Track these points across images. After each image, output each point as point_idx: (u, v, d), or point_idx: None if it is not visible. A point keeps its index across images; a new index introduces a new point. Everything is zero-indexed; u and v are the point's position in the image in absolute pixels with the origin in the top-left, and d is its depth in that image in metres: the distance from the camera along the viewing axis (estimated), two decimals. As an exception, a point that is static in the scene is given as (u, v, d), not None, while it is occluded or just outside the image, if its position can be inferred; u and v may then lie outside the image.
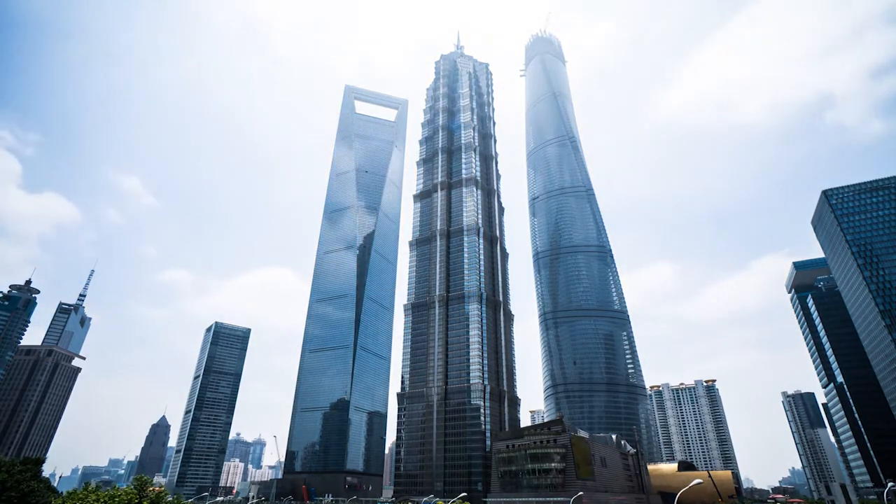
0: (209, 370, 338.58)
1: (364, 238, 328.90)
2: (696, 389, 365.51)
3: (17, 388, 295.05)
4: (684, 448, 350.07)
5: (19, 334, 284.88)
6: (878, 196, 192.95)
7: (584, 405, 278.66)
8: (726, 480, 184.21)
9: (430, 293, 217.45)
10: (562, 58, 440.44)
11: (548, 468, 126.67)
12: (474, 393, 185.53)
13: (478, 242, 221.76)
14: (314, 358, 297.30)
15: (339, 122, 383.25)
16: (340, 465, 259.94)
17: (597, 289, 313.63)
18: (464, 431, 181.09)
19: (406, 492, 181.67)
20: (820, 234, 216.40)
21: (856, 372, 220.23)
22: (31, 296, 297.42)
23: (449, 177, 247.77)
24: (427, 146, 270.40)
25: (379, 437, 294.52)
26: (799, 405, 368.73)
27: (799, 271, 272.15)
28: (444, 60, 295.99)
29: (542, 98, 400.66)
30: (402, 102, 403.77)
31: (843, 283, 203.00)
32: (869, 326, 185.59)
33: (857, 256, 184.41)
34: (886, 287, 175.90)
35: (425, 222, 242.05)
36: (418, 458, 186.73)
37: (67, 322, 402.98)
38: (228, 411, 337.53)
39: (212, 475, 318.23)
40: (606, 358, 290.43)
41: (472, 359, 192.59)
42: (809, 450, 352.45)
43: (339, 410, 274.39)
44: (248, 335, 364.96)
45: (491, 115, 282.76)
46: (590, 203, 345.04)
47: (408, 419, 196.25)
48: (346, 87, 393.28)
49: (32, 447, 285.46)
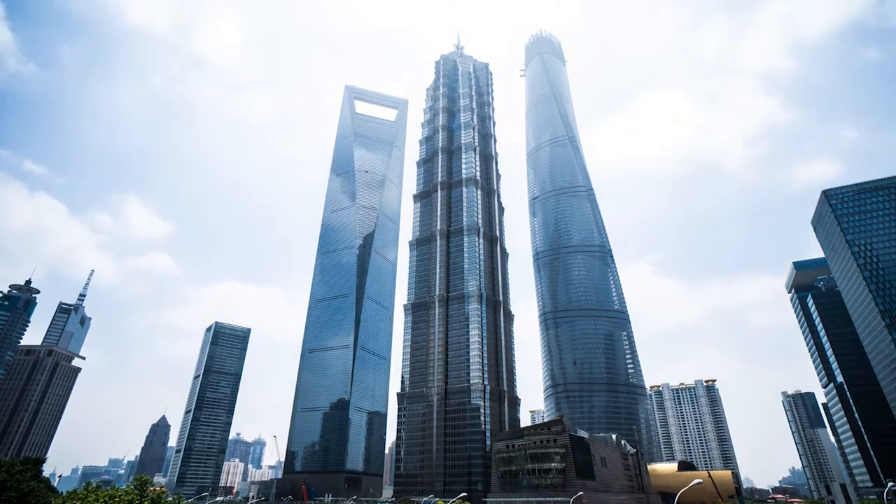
0: (209, 370, 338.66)
1: (364, 238, 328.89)
2: (696, 389, 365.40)
3: (17, 388, 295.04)
4: (684, 448, 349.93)
5: (19, 334, 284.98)
6: (878, 196, 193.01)
7: (584, 405, 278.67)
8: (726, 480, 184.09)
9: (430, 293, 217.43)
10: (562, 58, 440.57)
11: (548, 468, 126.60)
12: (474, 393, 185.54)
13: (478, 242, 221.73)
14: (314, 358, 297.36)
15: (339, 121, 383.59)
16: (340, 464, 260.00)
17: (597, 289, 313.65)
18: (464, 431, 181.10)
19: (406, 492, 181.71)
20: (820, 234, 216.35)
21: (856, 372, 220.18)
22: (31, 296, 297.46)
23: (449, 177, 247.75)
24: (427, 146, 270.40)
25: (379, 437, 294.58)
26: (799, 405, 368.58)
27: (799, 271, 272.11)
28: (444, 60, 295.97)
29: (542, 98, 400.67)
30: (402, 102, 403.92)
31: (843, 283, 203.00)
32: (869, 326, 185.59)
33: (857, 256, 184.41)
34: (886, 287, 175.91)
35: (425, 222, 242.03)
36: (418, 458, 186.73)
37: (67, 322, 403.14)
38: (228, 411, 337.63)
39: (212, 475, 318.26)
40: (606, 358, 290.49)
41: (472, 359, 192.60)
42: (809, 450, 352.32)
43: (339, 410, 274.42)
44: (248, 335, 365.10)
45: (491, 115, 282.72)
46: (590, 203, 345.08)
47: (408, 419, 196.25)
48: (346, 87, 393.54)
49: (32, 447, 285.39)
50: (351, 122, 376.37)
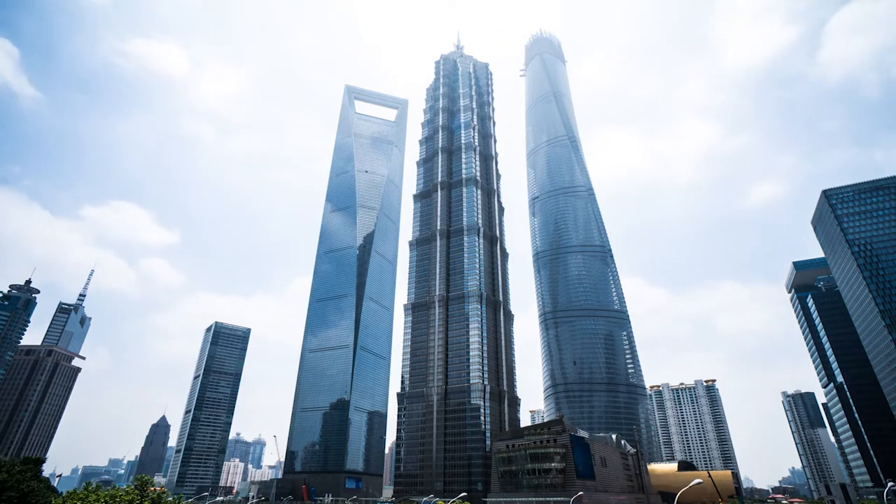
0: (209, 370, 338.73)
1: (364, 238, 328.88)
2: (696, 389, 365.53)
3: (17, 388, 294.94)
4: (684, 448, 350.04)
5: (19, 334, 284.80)
6: (878, 196, 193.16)
7: (584, 405, 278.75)
8: (726, 480, 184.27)
9: (430, 293, 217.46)
10: (562, 58, 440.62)
11: (548, 468, 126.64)
12: (474, 393, 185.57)
13: (478, 242, 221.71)
14: (314, 358, 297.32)
15: (339, 121, 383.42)
16: (340, 464, 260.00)
17: (597, 289, 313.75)
18: (464, 431, 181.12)
19: (406, 492, 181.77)
20: (820, 234, 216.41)
21: (856, 372, 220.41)
22: (31, 296, 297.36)
23: (449, 177, 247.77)
24: (427, 146, 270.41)
25: (379, 437, 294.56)
26: (799, 405, 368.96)
27: (799, 271, 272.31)
28: (444, 60, 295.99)
29: (542, 98, 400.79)
30: (402, 102, 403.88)
31: (843, 283, 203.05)
32: (869, 326, 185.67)
33: (857, 256, 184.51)
34: (886, 287, 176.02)
35: (425, 222, 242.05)
36: (418, 457, 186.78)
37: (67, 322, 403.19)
38: (228, 411, 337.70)
39: (212, 475, 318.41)
40: (606, 358, 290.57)
41: (472, 359, 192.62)
42: (809, 450, 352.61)
43: (339, 410, 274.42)
44: (248, 335, 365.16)
45: (491, 114, 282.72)
46: (590, 203, 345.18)
47: (408, 419, 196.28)
48: (346, 87, 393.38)
49: (32, 447, 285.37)
50: (351, 123, 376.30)
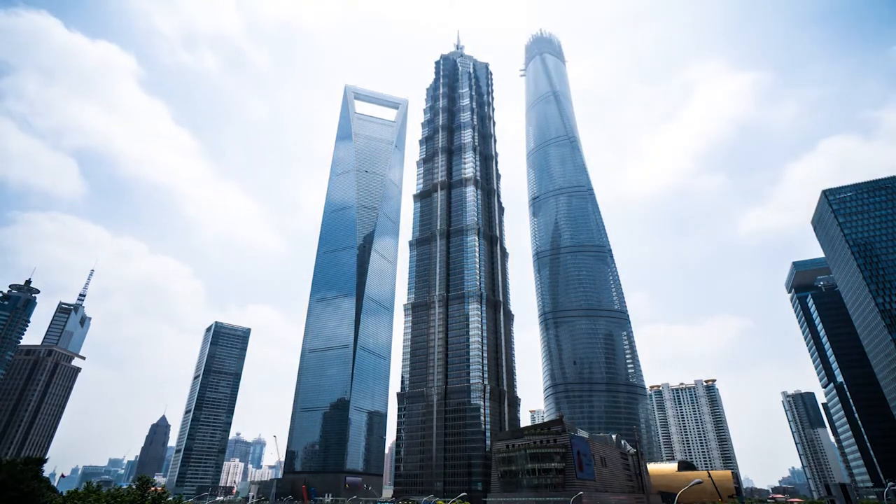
0: (209, 370, 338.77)
1: (364, 238, 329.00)
2: (696, 389, 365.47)
3: (17, 388, 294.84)
4: (684, 448, 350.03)
5: (19, 334, 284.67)
6: (878, 196, 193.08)
7: (584, 405, 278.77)
8: (726, 480, 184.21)
9: (430, 293, 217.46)
10: (562, 57, 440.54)
11: (548, 468, 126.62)
12: (474, 393, 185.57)
13: (478, 242, 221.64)
14: (314, 358, 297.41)
15: (339, 121, 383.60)
16: (340, 464, 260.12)
17: (597, 289, 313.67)
18: (464, 431, 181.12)
19: (406, 492, 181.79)
20: (820, 234, 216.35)
21: (856, 372, 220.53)
22: (31, 296, 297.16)
23: (449, 177, 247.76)
24: (427, 146, 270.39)
25: (379, 436, 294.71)
26: (799, 405, 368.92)
27: (799, 271, 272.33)
28: (444, 60, 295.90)
29: (542, 98, 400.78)
30: (402, 102, 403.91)
31: (843, 283, 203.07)
32: (869, 326, 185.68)
33: (857, 256, 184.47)
34: (886, 287, 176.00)
35: (425, 222, 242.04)
36: (418, 457, 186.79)
37: (67, 322, 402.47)
38: (228, 411, 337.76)
39: (212, 475, 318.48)
40: (606, 358, 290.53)
41: (472, 359, 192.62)
42: (809, 450, 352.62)
43: (339, 410, 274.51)
44: (248, 335, 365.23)
45: (491, 114, 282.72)
46: (590, 203, 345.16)
47: (408, 419, 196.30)
48: (346, 87, 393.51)
49: (32, 447, 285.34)
50: (351, 122, 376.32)
